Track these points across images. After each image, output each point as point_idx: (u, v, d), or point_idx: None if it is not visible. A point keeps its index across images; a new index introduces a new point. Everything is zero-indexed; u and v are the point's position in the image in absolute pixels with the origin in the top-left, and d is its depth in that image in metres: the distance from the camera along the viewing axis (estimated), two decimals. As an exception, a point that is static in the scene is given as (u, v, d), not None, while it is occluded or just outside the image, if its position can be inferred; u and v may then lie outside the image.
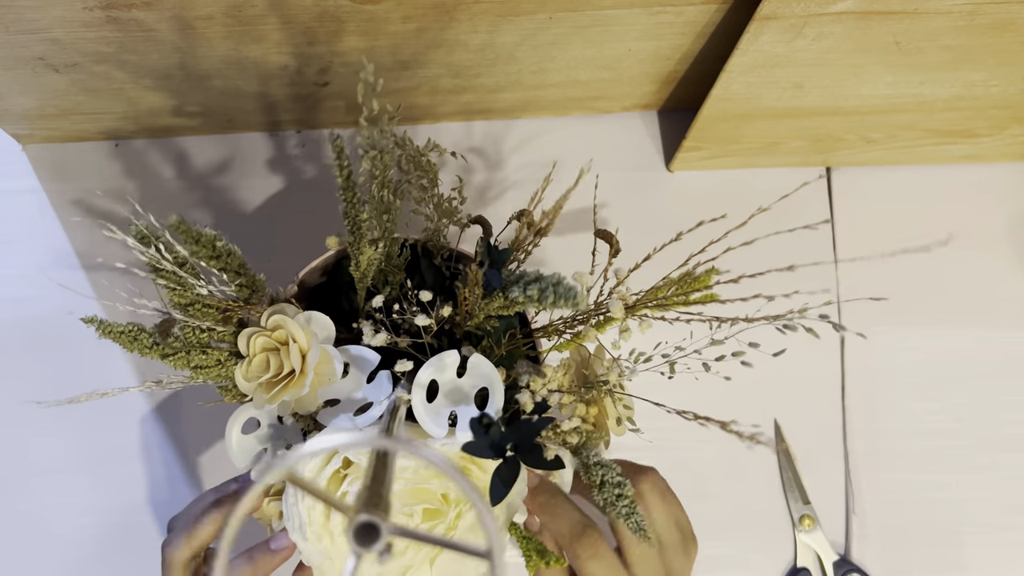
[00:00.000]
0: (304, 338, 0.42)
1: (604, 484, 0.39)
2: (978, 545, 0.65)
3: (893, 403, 0.67)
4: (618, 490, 0.38)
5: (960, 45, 0.52)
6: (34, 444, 0.63)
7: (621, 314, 0.40)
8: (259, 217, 0.67)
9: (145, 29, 0.50)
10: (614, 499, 0.38)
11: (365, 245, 0.43)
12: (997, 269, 0.70)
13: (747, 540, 0.64)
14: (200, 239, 0.40)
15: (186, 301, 0.42)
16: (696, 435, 0.66)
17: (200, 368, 0.43)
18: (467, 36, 0.54)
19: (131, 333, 0.41)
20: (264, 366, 0.42)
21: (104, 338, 0.41)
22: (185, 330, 0.43)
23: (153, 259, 0.40)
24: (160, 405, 0.64)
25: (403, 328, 0.45)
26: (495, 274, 0.41)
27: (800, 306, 0.39)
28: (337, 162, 0.39)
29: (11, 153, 0.68)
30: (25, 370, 0.64)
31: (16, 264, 0.65)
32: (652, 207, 0.69)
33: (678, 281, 0.41)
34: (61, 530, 0.62)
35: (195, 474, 0.63)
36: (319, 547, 0.42)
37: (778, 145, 0.66)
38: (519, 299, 0.39)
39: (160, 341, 0.41)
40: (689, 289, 0.41)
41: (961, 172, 0.71)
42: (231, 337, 0.44)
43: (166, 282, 0.41)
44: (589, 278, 0.40)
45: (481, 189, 0.69)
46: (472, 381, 0.43)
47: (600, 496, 0.39)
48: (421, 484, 0.41)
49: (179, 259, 0.41)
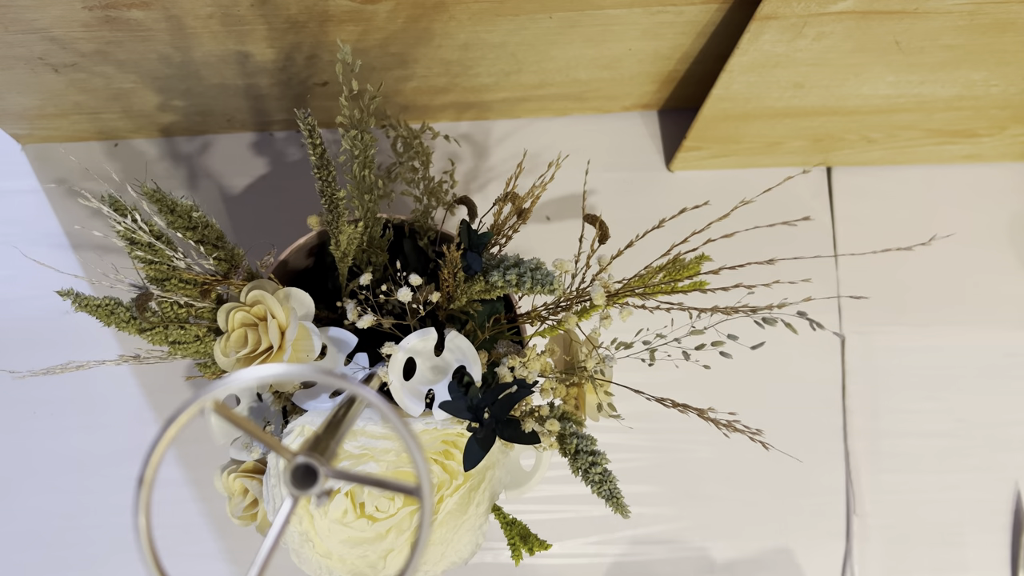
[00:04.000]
0: (283, 314, 0.42)
1: (579, 453, 0.40)
2: (979, 545, 0.65)
3: (894, 403, 0.67)
4: (592, 458, 0.40)
5: (960, 45, 0.52)
6: (34, 445, 0.63)
7: (602, 301, 0.41)
8: (261, 216, 0.67)
9: (144, 29, 0.49)
10: (587, 467, 0.40)
11: (344, 224, 0.43)
12: (997, 269, 0.70)
13: (744, 540, 0.64)
14: (176, 208, 0.40)
15: (162, 276, 0.42)
16: (696, 435, 0.66)
17: (178, 343, 0.43)
18: (467, 35, 0.54)
19: (108, 307, 0.41)
20: (242, 341, 0.42)
21: (80, 311, 0.41)
22: (163, 305, 0.43)
23: (128, 229, 0.40)
24: (162, 404, 0.64)
25: (386, 309, 0.45)
26: (475, 257, 0.41)
27: (797, 302, 0.39)
28: (309, 140, 0.39)
29: (11, 153, 0.68)
30: (24, 369, 0.64)
31: (15, 264, 0.65)
32: (652, 207, 0.69)
33: (666, 268, 0.41)
34: (62, 531, 0.62)
35: (194, 473, 0.63)
36: (299, 528, 0.42)
37: (778, 145, 0.66)
38: (498, 283, 0.40)
39: (137, 315, 0.41)
40: (678, 276, 0.41)
41: (961, 172, 0.71)
42: (210, 314, 0.44)
43: (143, 254, 0.41)
44: (570, 264, 0.41)
45: (480, 187, 0.69)
46: (450, 358, 0.43)
47: (575, 465, 0.40)
48: (401, 468, 0.41)
49: (155, 231, 0.41)
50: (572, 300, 0.44)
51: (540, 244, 0.67)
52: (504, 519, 0.47)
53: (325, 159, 0.40)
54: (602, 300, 0.41)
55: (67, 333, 0.64)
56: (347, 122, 0.41)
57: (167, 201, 0.40)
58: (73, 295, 0.41)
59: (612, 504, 0.39)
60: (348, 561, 0.43)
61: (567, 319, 0.43)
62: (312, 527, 0.42)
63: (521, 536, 0.46)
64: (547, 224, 0.68)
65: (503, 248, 0.48)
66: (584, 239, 0.47)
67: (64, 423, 0.64)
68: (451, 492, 0.41)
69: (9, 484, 0.63)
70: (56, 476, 0.63)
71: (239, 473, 0.46)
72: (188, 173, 0.68)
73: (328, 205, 0.42)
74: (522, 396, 0.40)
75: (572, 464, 0.41)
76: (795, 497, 0.65)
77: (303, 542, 0.42)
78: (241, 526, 0.47)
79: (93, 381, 0.64)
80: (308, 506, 0.42)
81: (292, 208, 0.68)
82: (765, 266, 0.40)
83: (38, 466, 0.63)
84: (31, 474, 0.63)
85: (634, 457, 0.65)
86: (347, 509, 0.41)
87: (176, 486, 0.63)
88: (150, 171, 0.68)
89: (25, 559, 0.62)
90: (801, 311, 0.38)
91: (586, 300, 0.44)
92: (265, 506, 0.43)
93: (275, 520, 0.25)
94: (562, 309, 0.45)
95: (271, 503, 0.43)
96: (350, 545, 0.42)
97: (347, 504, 0.41)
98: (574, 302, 0.44)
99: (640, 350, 0.43)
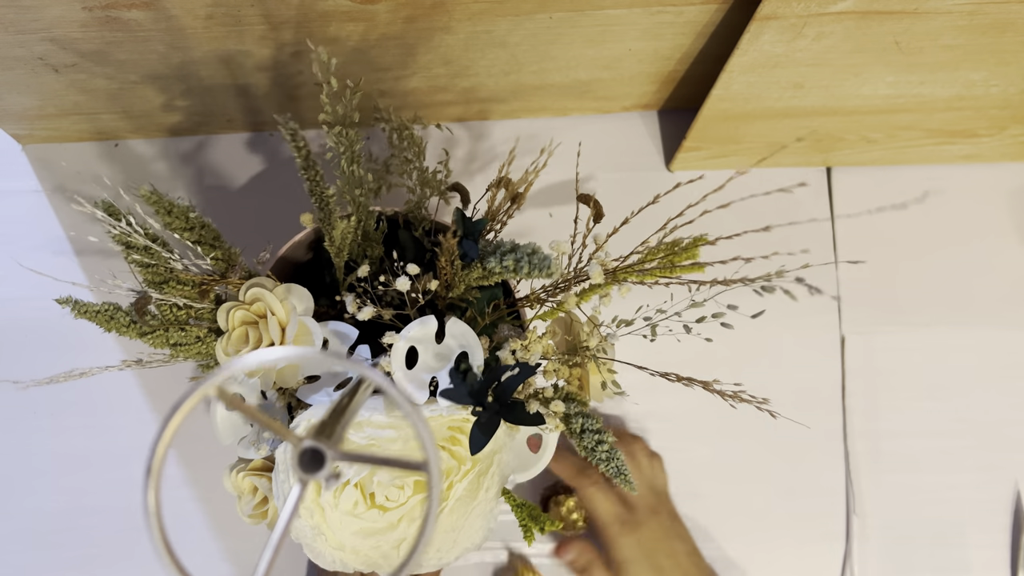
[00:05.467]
0: (283, 310, 0.42)
1: (584, 432, 0.40)
2: (979, 546, 0.65)
3: (894, 404, 0.67)
4: (598, 436, 0.40)
5: (960, 45, 0.52)
6: (34, 445, 0.63)
7: (600, 278, 0.41)
8: (261, 215, 0.67)
9: (144, 29, 0.49)
10: (594, 445, 0.40)
11: (336, 220, 0.43)
12: (998, 269, 0.70)
13: (744, 540, 0.64)
14: (173, 210, 0.40)
15: (160, 279, 0.42)
16: (695, 435, 0.66)
17: (179, 345, 0.43)
18: (466, 36, 0.54)
19: (107, 312, 0.41)
20: (243, 339, 0.42)
21: (80, 318, 0.41)
22: (162, 308, 0.43)
23: (124, 233, 0.40)
24: (162, 404, 0.64)
25: (385, 301, 0.45)
26: (471, 245, 0.41)
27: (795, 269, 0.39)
28: (292, 143, 0.40)
29: (11, 153, 0.68)
30: (24, 370, 0.64)
31: (15, 264, 0.65)
32: (652, 207, 0.69)
33: (664, 249, 0.41)
34: (61, 531, 0.62)
35: (194, 473, 0.63)
36: (311, 522, 0.42)
37: (778, 145, 0.66)
38: (496, 269, 0.40)
39: (136, 319, 0.41)
40: (677, 260, 0.41)
41: (961, 172, 0.71)
42: (209, 315, 0.44)
43: (139, 257, 0.41)
44: (566, 246, 0.41)
45: (479, 186, 0.68)
46: (452, 344, 0.44)
47: (581, 444, 0.41)
48: (410, 455, 0.41)
49: (151, 234, 0.41)
50: (570, 280, 0.44)
51: (542, 233, 0.68)
52: (514, 502, 0.48)
53: (310, 160, 0.41)
54: (600, 278, 0.41)
55: (68, 335, 0.64)
56: (330, 119, 0.42)
57: (164, 203, 0.40)
58: (72, 302, 0.41)
59: (620, 480, 0.40)
60: (362, 553, 0.43)
61: (567, 299, 0.43)
62: (324, 520, 0.42)
63: (531, 517, 0.47)
64: (550, 219, 0.68)
65: (498, 234, 0.48)
66: (580, 220, 0.47)
67: (65, 423, 0.64)
68: (460, 478, 0.42)
69: (10, 484, 0.63)
70: (56, 476, 0.63)
71: (248, 471, 0.47)
72: (189, 172, 0.68)
73: (318, 203, 0.42)
74: (525, 377, 0.40)
75: (578, 443, 0.41)
76: (795, 497, 0.65)
77: (316, 536, 0.42)
78: (252, 525, 0.47)
79: (94, 382, 0.64)
80: (319, 499, 0.42)
81: (292, 206, 0.68)
82: (762, 234, 0.40)
83: (38, 466, 0.63)
84: (31, 474, 0.63)
85: (634, 457, 0.65)
86: (358, 500, 0.41)
87: (176, 486, 0.63)
88: (150, 171, 0.68)
89: (25, 559, 0.62)
90: (799, 277, 0.37)
91: (584, 280, 0.44)
92: (275, 502, 0.43)
93: (285, 505, 0.25)
94: (561, 290, 0.45)
95: (281, 499, 0.43)
96: (363, 536, 0.42)
97: (357, 495, 0.41)
98: (572, 282, 0.44)
99: (641, 326, 0.43)
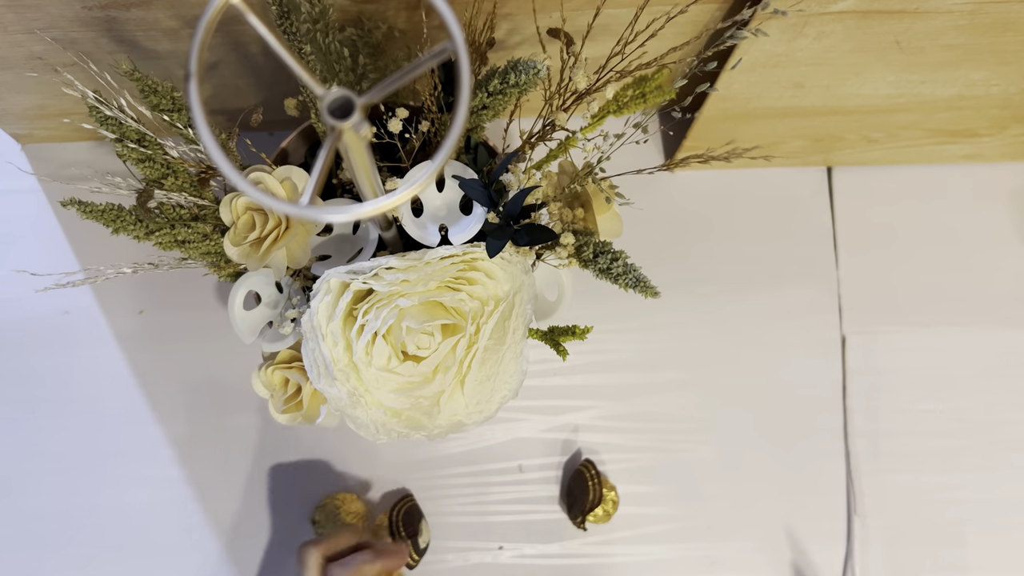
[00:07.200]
0: (283, 192, 0.43)
1: (597, 256, 0.43)
2: (980, 545, 0.65)
3: (894, 404, 0.67)
4: (611, 255, 0.42)
5: (961, 44, 0.52)
6: (34, 445, 0.63)
7: (585, 82, 0.43)
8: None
9: (144, 28, 0.49)
10: (608, 264, 0.42)
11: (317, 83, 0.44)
12: (998, 269, 0.70)
13: (745, 540, 0.64)
14: (158, 88, 0.40)
15: (159, 174, 0.42)
16: (696, 435, 0.66)
17: (187, 243, 0.43)
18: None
19: (112, 212, 0.41)
20: (250, 226, 0.43)
21: (86, 219, 0.41)
22: (165, 208, 0.43)
23: (115, 123, 0.40)
24: (162, 404, 0.64)
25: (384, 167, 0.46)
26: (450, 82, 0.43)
27: None
28: None
29: (11, 153, 0.68)
30: (22, 369, 0.64)
31: (14, 264, 0.65)
32: (652, 207, 0.69)
33: (633, 85, 0.44)
34: (61, 531, 0.62)
35: (194, 473, 0.63)
36: (348, 387, 0.42)
37: (779, 145, 0.66)
38: (483, 100, 0.41)
39: (142, 217, 0.41)
40: (646, 89, 0.44)
41: (961, 172, 0.71)
42: (213, 216, 0.44)
43: (135, 148, 0.41)
44: (545, 56, 0.42)
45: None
46: (451, 196, 0.45)
47: (595, 268, 0.43)
48: (431, 298, 0.42)
49: (141, 130, 0.41)
50: (555, 93, 0.45)
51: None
52: (540, 334, 0.49)
53: (285, 8, 0.40)
54: (584, 81, 0.43)
55: (64, 332, 0.64)
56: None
57: (148, 81, 0.39)
58: (76, 203, 0.41)
59: (640, 289, 0.40)
60: (403, 414, 0.44)
61: (557, 116, 0.45)
62: (360, 382, 0.43)
63: (560, 333, 0.48)
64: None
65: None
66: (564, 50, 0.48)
67: (65, 423, 0.64)
68: (486, 319, 0.43)
69: (9, 484, 0.63)
70: (56, 476, 0.63)
71: (275, 366, 0.47)
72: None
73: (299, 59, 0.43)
74: (527, 193, 0.43)
75: (593, 268, 0.43)
76: (796, 497, 0.65)
77: (354, 402, 0.43)
78: (286, 422, 0.47)
79: (94, 381, 0.64)
80: (352, 358, 0.42)
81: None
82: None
83: (37, 466, 0.63)
84: (30, 474, 0.63)
85: (634, 457, 0.64)
86: (390, 355, 0.42)
87: (177, 486, 0.63)
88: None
89: (25, 559, 0.62)
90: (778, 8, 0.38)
91: (573, 95, 0.45)
92: (309, 374, 0.43)
93: (321, 150, 0.26)
94: (549, 126, 0.46)
95: (313, 368, 0.42)
96: (400, 393, 0.43)
97: (389, 350, 0.42)
98: (555, 95, 0.45)
99: (631, 134, 0.45)
